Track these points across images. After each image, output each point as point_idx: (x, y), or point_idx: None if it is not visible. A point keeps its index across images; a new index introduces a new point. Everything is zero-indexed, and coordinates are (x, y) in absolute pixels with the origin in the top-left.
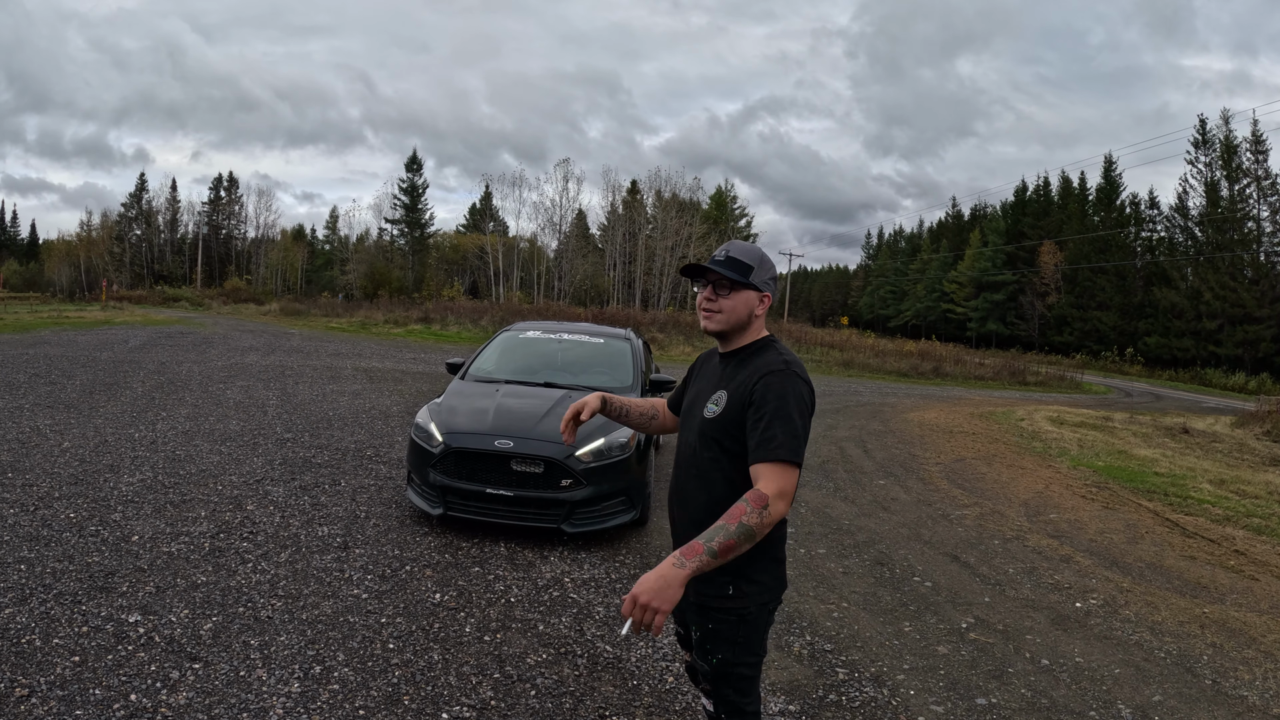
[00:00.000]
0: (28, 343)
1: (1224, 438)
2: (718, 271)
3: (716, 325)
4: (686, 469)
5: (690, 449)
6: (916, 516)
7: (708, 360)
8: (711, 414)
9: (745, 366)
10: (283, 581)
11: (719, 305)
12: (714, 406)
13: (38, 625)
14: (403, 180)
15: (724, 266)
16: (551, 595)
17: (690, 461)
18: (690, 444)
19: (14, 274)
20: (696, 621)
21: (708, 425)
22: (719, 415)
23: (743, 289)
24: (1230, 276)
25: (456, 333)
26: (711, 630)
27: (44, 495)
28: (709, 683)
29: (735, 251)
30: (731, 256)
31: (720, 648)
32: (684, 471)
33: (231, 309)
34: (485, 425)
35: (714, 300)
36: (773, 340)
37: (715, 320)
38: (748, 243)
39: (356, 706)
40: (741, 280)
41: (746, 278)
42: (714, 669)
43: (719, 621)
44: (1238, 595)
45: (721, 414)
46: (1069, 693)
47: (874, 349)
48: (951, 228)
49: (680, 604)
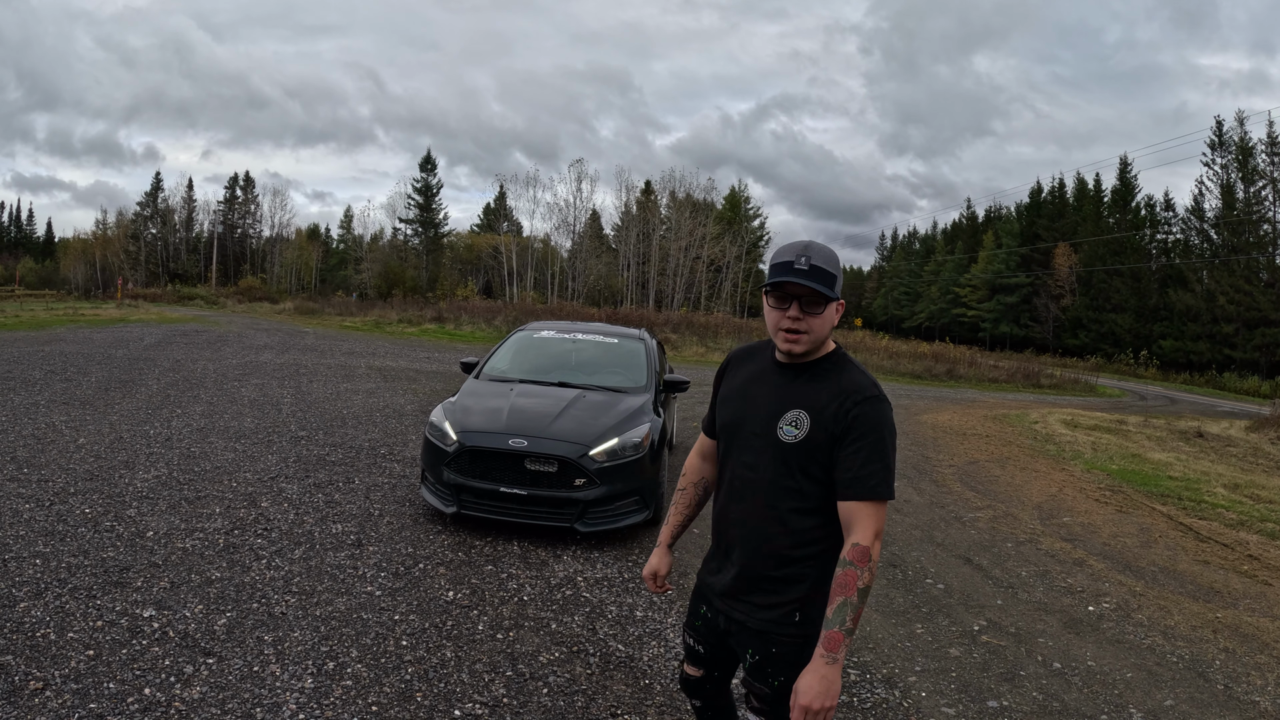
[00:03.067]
0: (44, 340)
1: (1239, 442)
2: (808, 286)
3: (804, 347)
4: (755, 496)
5: (762, 474)
6: (929, 519)
7: (747, 362)
8: (793, 438)
9: (824, 384)
10: (297, 578)
11: (807, 325)
12: (793, 430)
13: (53, 619)
14: (416, 180)
15: (812, 279)
16: (564, 594)
17: (761, 488)
18: (762, 468)
19: (30, 271)
20: (755, 646)
21: (791, 451)
22: (803, 440)
23: (830, 303)
24: (1246, 280)
25: (470, 332)
26: (775, 655)
27: (60, 491)
28: (767, 704)
29: (818, 259)
30: (816, 265)
31: (783, 671)
32: (751, 499)
33: (246, 307)
34: (499, 424)
35: (801, 319)
36: (846, 354)
37: (803, 342)
38: (821, 244)
39: (369, 702)
40: (831, 294)
41: (834, 290)
42: (775, 691)
43: (784, 646)
44: (1251, 600)
45: (806, 439)
46: (1080, 696)
47: (888, 350)
48: (966, 229)
49: (733, 628)
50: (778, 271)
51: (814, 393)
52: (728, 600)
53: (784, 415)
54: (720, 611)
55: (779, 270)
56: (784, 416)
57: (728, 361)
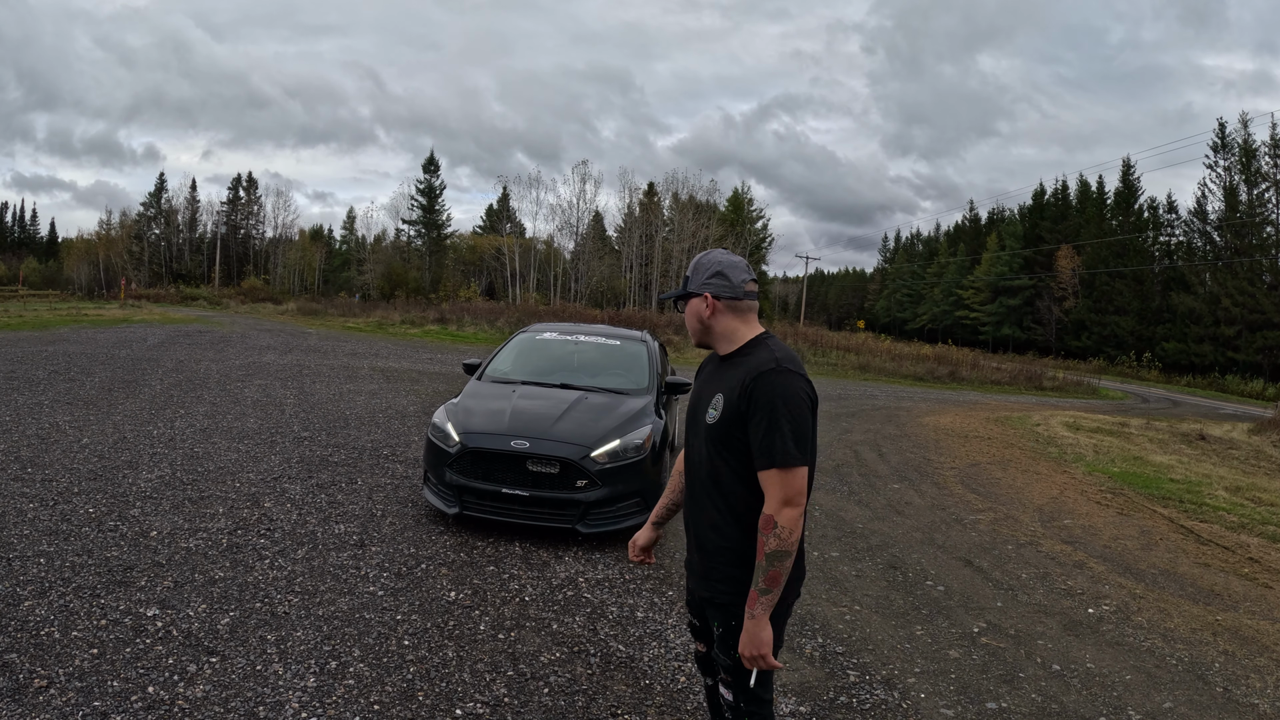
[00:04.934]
0: (47, 340)
1: (1241, 444)
2: (670, 295)
3: (695, 338)
4: (697, 475)
5: (699, 455)
6: (930, 521)
7: (708, 364)
8: (712, 419)
9: (739, 367)
10: (299, 578)
11: (684, 318)
12: (713, 411)
13: (57, 618)
14: (420, 181)
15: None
16: (566, 595)
17: (700, 468)
18: (699, 450)
19: (34, 272)
20: (719, 619)
21: (711, 431)
22: (719, 420)
23: (686, 299)
24: (1249, 282)
25: (473, 333)
26: (735, 626)
27: (63, 490)
28: (731, 675)
29: (689, 270)
30: (685, 276)
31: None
32: (695, 478)
33: (249, 308)
34: (502, 426)
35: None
36: (766, 337)
37: (691, 334)
38: (697, 257)
39: (371, 702)
40: (681, 293)
41: (685, 288)
42: (738, 663)
43: (742, 619)
44: (1251, 603)
45: (720, 418)
46: (1080, 698)
47: (890, 353)
48: (969, 231)
49: (699, 600)
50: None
51: (731, 376)
52: (695, 578)
53: (711, 400)
54: (693, 589)
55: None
56: (711, 401)
57: (702, 365)
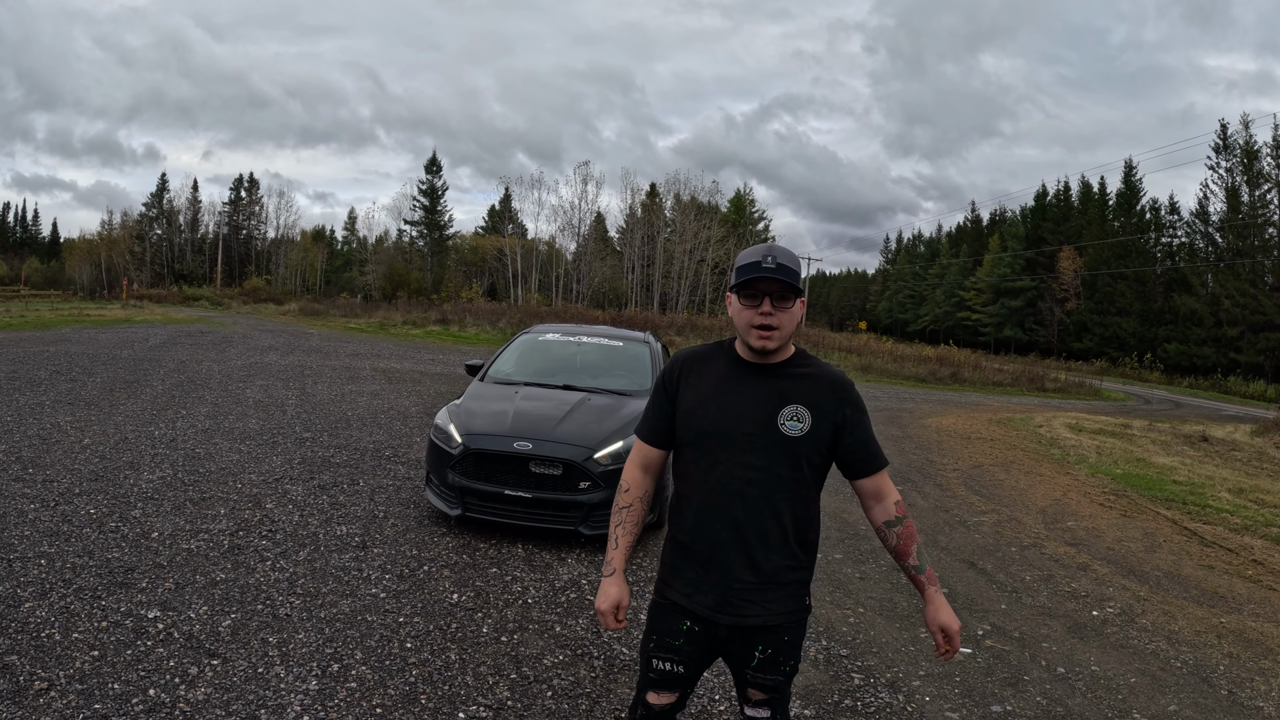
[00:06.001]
0: (49, 340)
1: (1243, 446)
2: (779, 280)
3: (777, 343)
4: (757, 490)
5: (759, 470)
6: (934, 523)
7: (706, 367)
8: (799, 431)
9: (805, 378)
10: (301, 580)
11: (778, 320)
12: (797, 424)
13: (57, 619)
14: (422, 182)
15: (780, 274)
16: (569, 597)
17: (762, 483)
18: (757, 464)
19: (36, 272)
20: (766, 641)
21: (795, 444)
22: (809, 433)
23: (797, 298)
24: (1251, 283)
25: (475, 334)
26: (788, 642)
27: (65, 491)
28: (774, 692)
29: (783, 258)
30: (782, 264)
31: (792, 655)
32: (753, 493)
33: (251, 309)
34: (504, 427)
35: (772, 314)
36: (805, 350)
37: (775, 338)
38: (780, 245)
39: (374, 704)
40: (799, 288)
41: (799, 285)
42: (787, 676)
43: (794, 632)
44: (1255, 605)
45: (811, 431)
46: (1084, 701)
47: (892, 354)
48: (971, 232)
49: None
50: (746, 271)
51: (804, 388)
52: (729, 607)
53: (782, 411)
54: (715, 622)
55: (748, 270)
56: (782, 413)
57: (680, 368)
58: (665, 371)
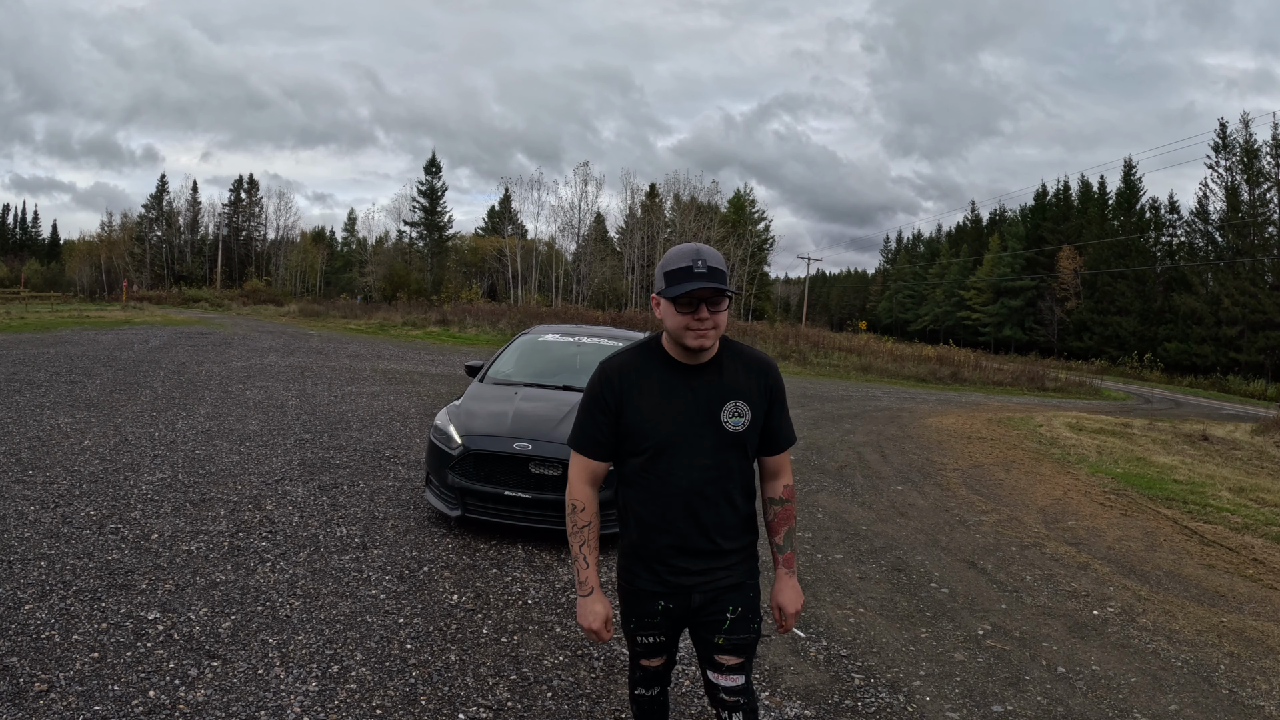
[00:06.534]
0: (49, 341)
1: (1244, 445)
2: (711, 287)
3: (713, 342)
4: (713, 485)
5: (708, 468)
6: (934, 522)
7: (641, 376)
8: (740, 427)
9: (736, 369)
10: (301, 581)
11: (714, 321)
12: (739, 419)
13: (57, 621)
14: (421, 183)
15: (713, 280)
16: (569, 598)
17: (715, 478)
18: (706, 465)
19: (35, 273)
20: (736, 600)
21: (740, 438)
22: (749, 425)
23: (728, 298)
24: (1251, 282)
25: (475, 335)
26: (752, 599)
27: (65, 493)
28: (745, 652)
29: (712, 260)
30: (713, 267)
31: (758, 613)
32: (705, 490)
33: (251, 310)
34: (504, 428)
35: (709, 318)
36: (727, 337)
37: (711, 338)
38: (706, 246)
39: (374, 706)
40: (731, 291)
41: (729, 287)
42: (756, 634)
43: (755, 588)
44: (1256, 604)
45: (751, 422)
46: (1085, 701)
47: (892, 354)
48: (970, 232)
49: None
50: (678, 278)
51: (736, 379)
52: (701, 578)
53: (724, 410)
54: (690, 594)
55: (679, 276)
56: (724, 410)
57: (617, 380)
58: (601, 384)
